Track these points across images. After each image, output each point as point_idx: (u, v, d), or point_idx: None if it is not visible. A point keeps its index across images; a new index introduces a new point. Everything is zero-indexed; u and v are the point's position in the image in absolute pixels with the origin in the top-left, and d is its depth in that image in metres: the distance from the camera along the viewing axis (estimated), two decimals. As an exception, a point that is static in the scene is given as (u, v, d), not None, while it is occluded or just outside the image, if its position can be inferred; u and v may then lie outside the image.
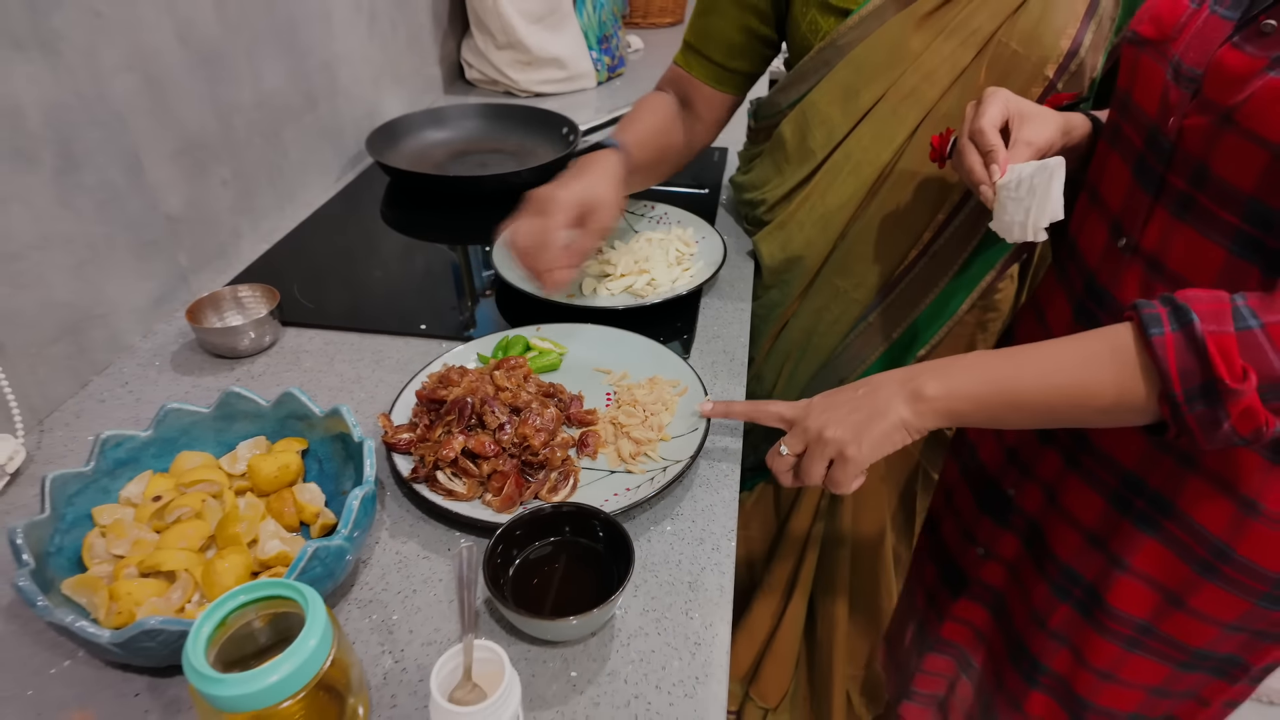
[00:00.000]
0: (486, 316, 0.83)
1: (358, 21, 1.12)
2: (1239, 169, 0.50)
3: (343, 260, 0.92)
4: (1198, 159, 0.52)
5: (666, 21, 1.87)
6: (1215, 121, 0.50)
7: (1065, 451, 0.70)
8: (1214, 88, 0.51)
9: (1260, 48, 0.48)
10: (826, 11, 0.74)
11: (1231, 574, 0.61)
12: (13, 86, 0.62)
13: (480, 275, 0.91)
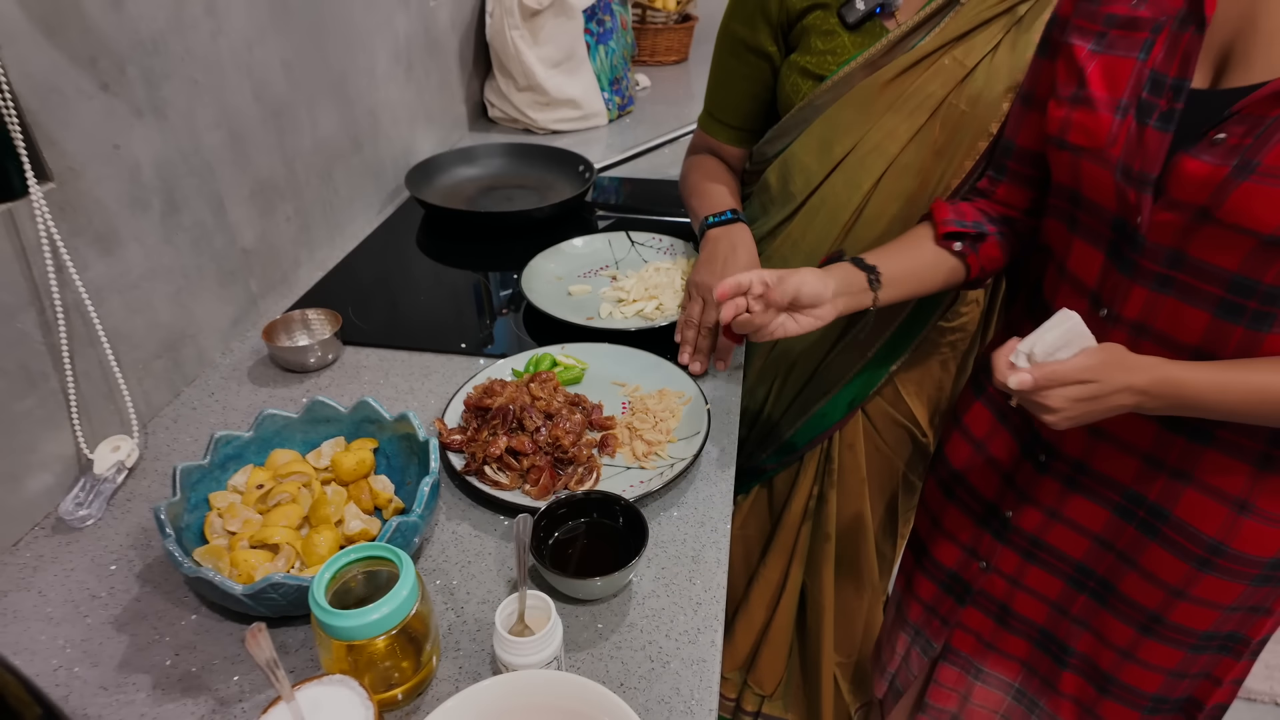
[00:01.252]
0: (510, 334, 0.96)
1: (396, 71, 1.25)
2: (1221, 253, 0.59)
3: (388, 285, 1.05)
4: (1172, 247, 0.62)
5: (672, 59, 2.01)
6: (1191, 217, 0.59)
7: (1063, 478, 0.78)
8: (1180, 190, 0.59)
9: (1217, 156, 0.57)
10: (805, 76, 0.88)
11: (1226, 565, 0.70)
12: (134, 147, 0.75)
13: (504, 297, 1.03)
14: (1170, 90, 0.60)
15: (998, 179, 0.80)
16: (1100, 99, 0.64)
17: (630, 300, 0.97)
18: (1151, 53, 0.61)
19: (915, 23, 0.82)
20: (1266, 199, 0.54)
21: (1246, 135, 0.55)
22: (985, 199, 0.81)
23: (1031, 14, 0.81)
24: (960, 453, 0.90)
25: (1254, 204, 0.55)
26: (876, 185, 0.87)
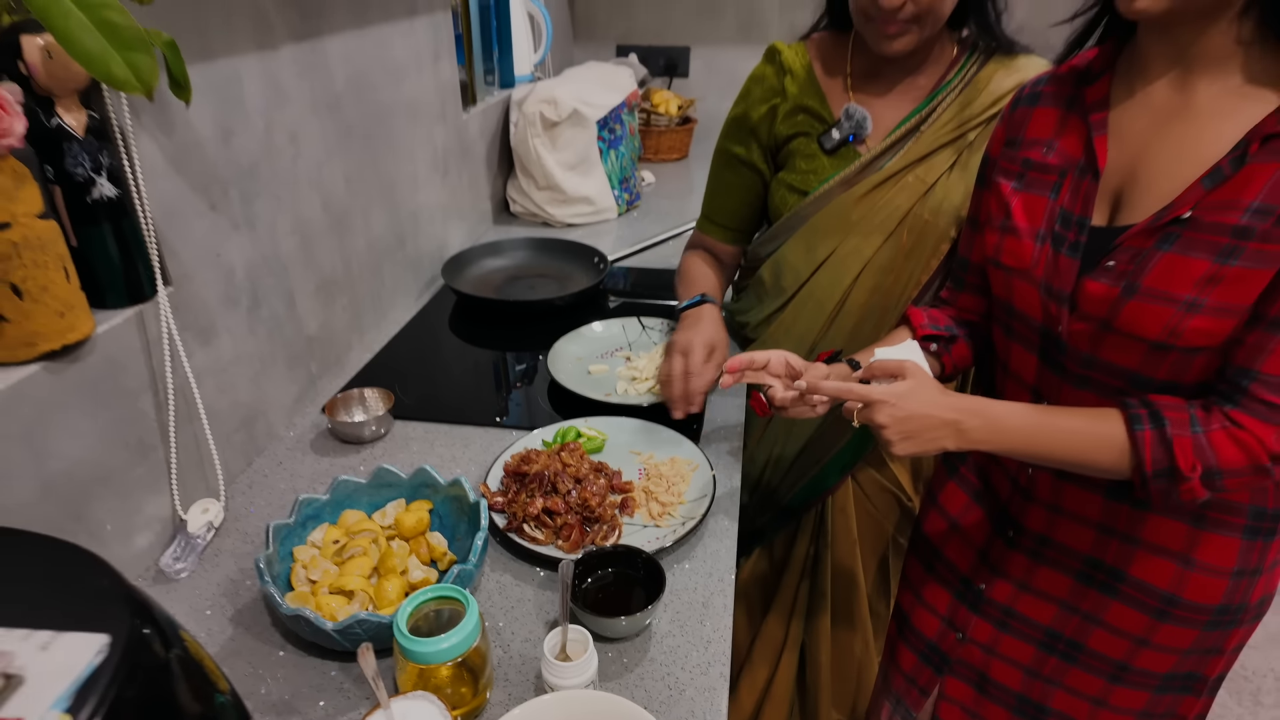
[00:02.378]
0: (538, 408, 1.08)
1: (434, 176, 1.42)
2: (1122, 355, 0.71)
3: (428, 365, 1.19)
4: (1087, 351, 0.74)
5: (674, 157, 2.21)
6: (1097, 327, 0.71)
7: (1029, 551, 0.86)
8: (1087, 305, 0.72)
9: (1110, 279, 0.70)
10: (791, 191, 1.04)
11: (1181, 614, 0.80)
12: (230, 254, 0.89)
13: (530, 376, 1.17)
14: (1075, 225, 0.74)
15: (958, 290, 0.93)
16: (1023, 229, 0.77)
17: (643, 378, 1.10)
18: (1060, 193, 0.75)
19: (882, 148, 0.99)
20: (1148, 314, 0.68)
21: (1130, 263, 0.69)
22: (950, 306, 0.93)
23: (979, 139, 0.98)
24: (937, 528, 1.00)
25: (1140, 317, 0.68)
26: (855, 282, 1.01)
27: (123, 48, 0.55)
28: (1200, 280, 0.65)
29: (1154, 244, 0.68)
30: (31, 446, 0.66)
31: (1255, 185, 0.63)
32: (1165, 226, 0.67)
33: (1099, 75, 0.75)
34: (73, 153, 0.68)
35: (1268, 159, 0.63)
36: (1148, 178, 0.70)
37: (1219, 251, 0.64)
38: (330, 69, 1.06)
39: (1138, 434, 0.69)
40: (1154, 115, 0.70)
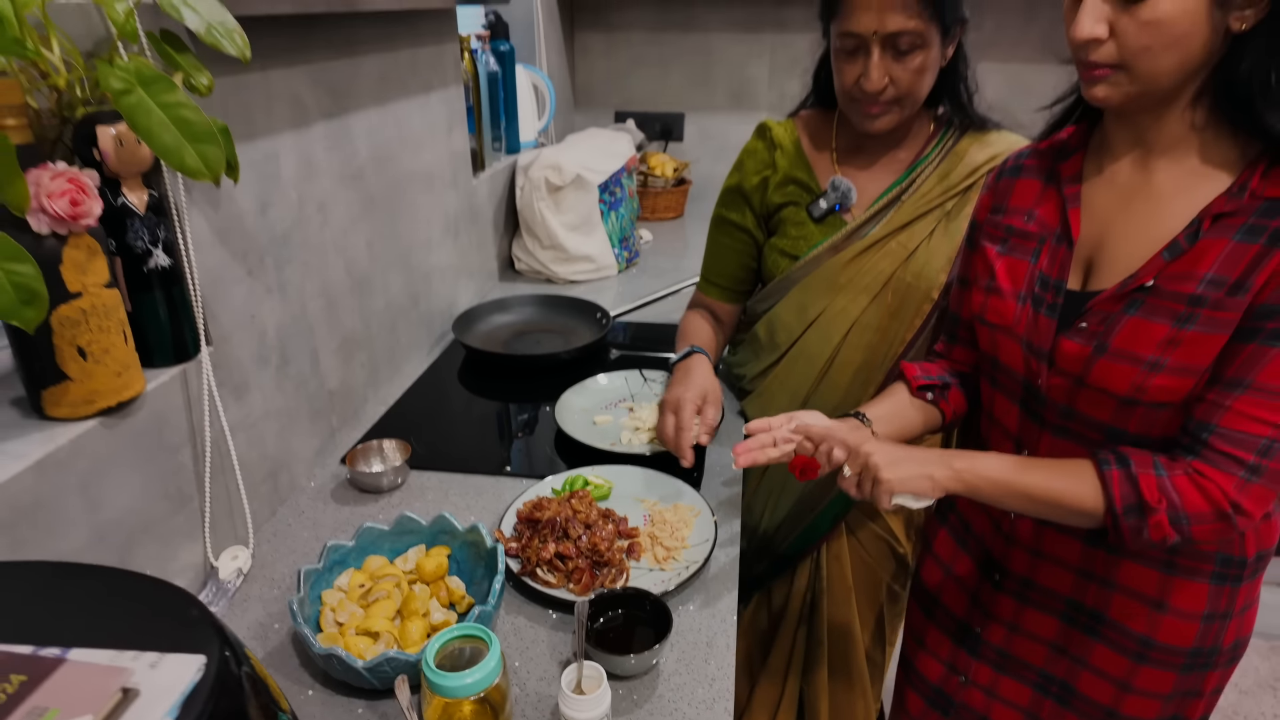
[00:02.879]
0: (546, 457, 1.14)
1: (446, 239, 1.50)
2: (1096, 408, 0.78)
3: (441, 417, 1.24)
4: (1065, 404, 0.81)
5: (670, 216, 2.31)
6: (1072, 383, 0.79)
7: (1016, 594, 0.92)
8: (1063, 362, 0.79)
9: (1083, 339, 0.77)
10: (783, 255, 1.12)
11: (1157, 656, 0.85)
12: (263, 317, 0.96)
13: (538, 424, 1.22)
14: (1053, 288, 0.81)
15: (951, 344, 1.00)
16: (1007, 290, 0.85)
17: (645, 428, 1.16)
18: (1040, 258, 0.83)
19: (866, 217, 1.07)
20: (1116, 371, 0.75)
21: (1100, 325, 0.76)
22: (944, 359, 1.00)
23: (956, 208, 1.06)
24: (933, 575, 1.05)
25: (1109, 375, 0.76)
26: (844, 339, 1.09)
27: (195, 140, 0.63)
28: (1161, 342, 0.72)
29: (1121, 309, 0.75)
30: (87, 496, 0.71)
31: (1209, 258, 0.71)
32: (1131, 293, 0.75)
33: (1074, 152, 0.83)
34: (134, 228, 0.75)
35: (1219, 235, 0.70)
36: (1115, 248, 0.78)
37: (1177, 317, 0.72)
38: (355, 143, 1.15)
39: (1105, 473, 0.75)
40: (1119, 192, 0.78)
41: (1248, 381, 0.69)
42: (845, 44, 0.97)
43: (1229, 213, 0.70)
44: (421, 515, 0.89)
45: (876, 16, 0.93)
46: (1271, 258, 0.67)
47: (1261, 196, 0.69)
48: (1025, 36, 2.26)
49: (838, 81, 1.01)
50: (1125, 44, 0.68)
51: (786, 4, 2.37)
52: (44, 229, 0.64)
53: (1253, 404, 0.69)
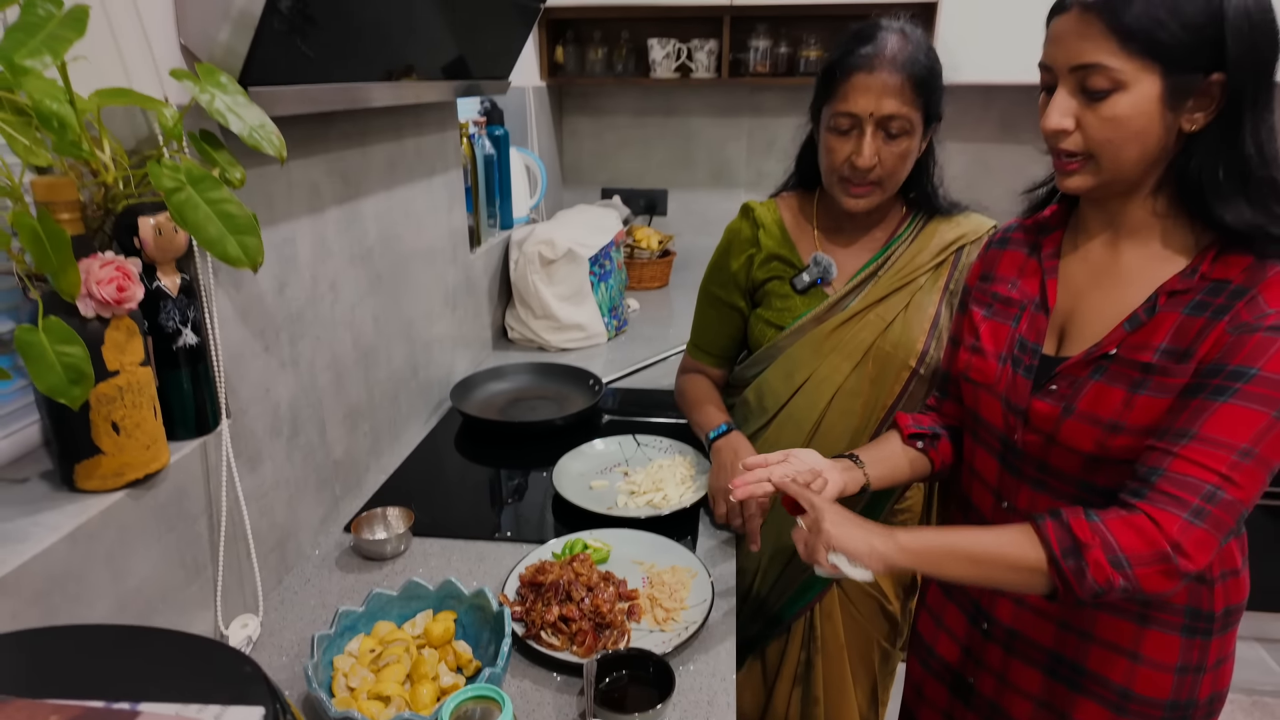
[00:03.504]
0: (545, 522, 1.17)
1: (445, 311, 1.57)
2: (1067, 463, 0.84)
3: (440, 485, 1.28)
4: (1039, 458, 0.87)
5: (655, 285, 2.40)
6: (1045, 439, 0.85)
7: (1003, 644, 0.96)
8: (1036, 420, 0.86)
9: (1053, 400, 0.84)
10: (769, 325, 1.19)
11: (1137, 709, 0.88)
12: (277, 390, 1.00)
13: (535, 490, 1.26)
14: (1030, 352, 0.89)
15: (942, 399, 1.07)
16: (989, 350, 0.93)
17: (641, 492, 1.20)
18: (1020, 323, 0.91)
19: (846, 290, 1.15)
20: (1082, 431, 0.82)
21: (1068, 388, 0.84)
22: (935, 412, 1.07)
23: (929, 282, 1.15)
24: (927, 626, 1.10)
25: (1075, 434, 0.82)
26: (829, 404, 1.15)
27: (237, 232, 0.69)
28: (1119, 406, 0.79)
29: (1087, 374, 0.83)
30: (112, 566, 0.74)
31: (1163, 330, 0.78)
32: (1096, 360, 0.82)
33: (1054, 229, 0.93)
34: (166, 309, 0.80)
35: (1172, 309, 0.78)
36: (1084, 318, 0.86)
37: (1131, 383, 0.79)
38: (365, 225, 1.22)
39: (1040, 525, 0.78)
40: (1091, 268, 0.87)
41: (1194, 432, 0.73)
42: (840, 124, 1.06)
43: (1181, 290, 0.78)
44: (427, 581, 0.92)
45: (875, 100, 1.03)
46: (1215, 328, 0.74)
47: (1210, 278, 0.77)
48: (985, 119, 2.43)
49: (827, 160, 1.10)
50: (1090, 136, 0.77)
51: (761, 91, 2.53)
52: (90, 312, 0.69)
53: (1199, 453, 0.73)
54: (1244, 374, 0.72)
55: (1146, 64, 0.73)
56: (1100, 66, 0.73)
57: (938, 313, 1.14)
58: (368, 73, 1.07)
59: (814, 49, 2.33)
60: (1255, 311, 0.72)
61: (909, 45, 1.04)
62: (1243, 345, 0.72)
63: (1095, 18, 0.73)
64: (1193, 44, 0.72)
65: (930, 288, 1.14)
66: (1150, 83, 0.73)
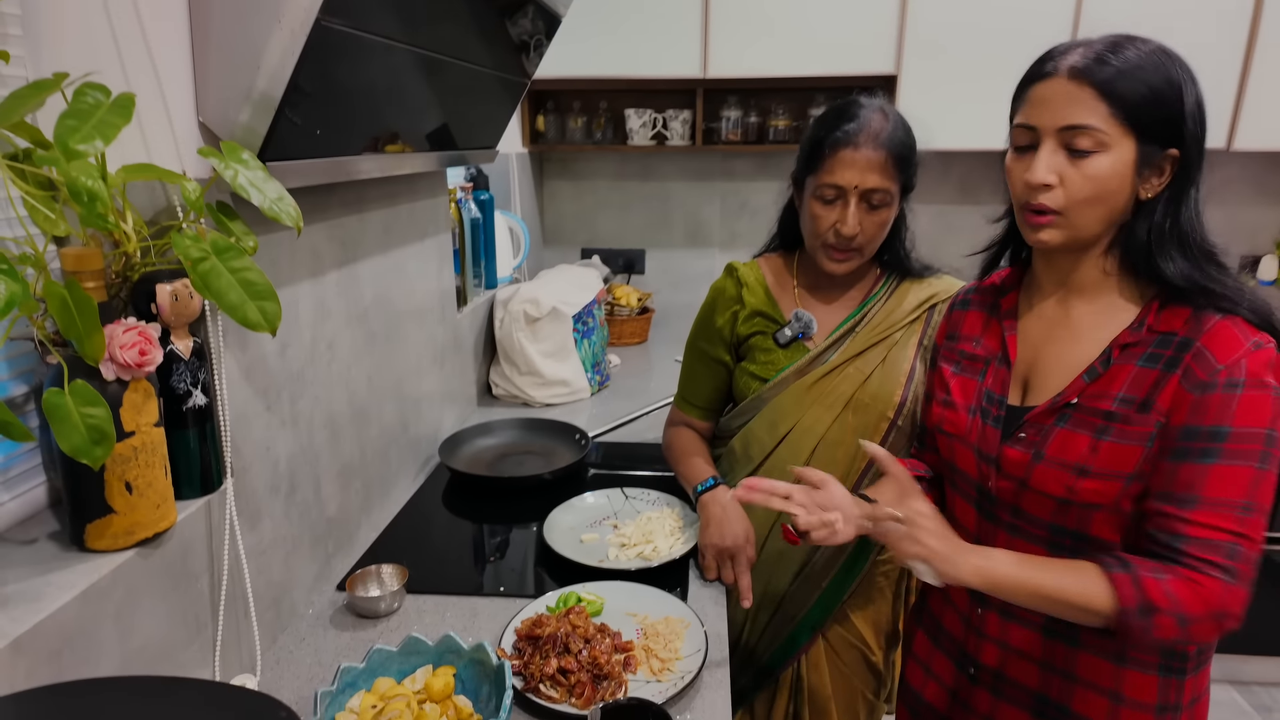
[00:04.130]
0: (538, 577, 1.19)
1: (433, 368, 1.60)
2: (1039, 508, 0.90)
3: (429, 541, 1.29)
4: (1013, 503, 0.92)
5: (635, 341, 2.46)
6: (1017, 485, 0.91)
7: (990, 687, 0.98)
8: (1008, 467, 0.91)
9: (1023, 447, 0.90)
10: (753, 378, 1.25)
11: None
12: (277, 448, 1.03)
13: (525, 544, 1.28)
14: (996, 403, 0.96)
15: (921, 450, 1.13)
16: (960, 404, 0.99)
17: (632, 544, 1.23)
18: (986, 377, 0.98)
19: (826, 345, 1.22)
20: (1052, 476, 0.88)
21: (1036, 435, 0.90)
22: (920, 460, 1.13)
23: (903, 338, 1.21)
24: (915, 675, 1.13)
25: (1045, 478, 0.88)
26: (813, 454, 1.20)
27: (257, 298, 0.73)
28: (1085, 451, 0.86)
29: (1052, 422, 0.89)
30: (120, 625, 0.75)
31: (1119, 381, 0.86)
32: (1060, 409, 0.89)
33: (1010, 290, 1.01)
34: (179, 371, 0.83)
35: (1126, 361, 0.86)
36: (1044, 370, 0.93)
37: (1095, 429, 0.86)
38: (362, 287, 1.26)
39: (1113, 576, 0.81)
40: (1046, 323, 0.95)
41: (1197, 497, 0.79)
42: (826, 194, 1.14)
43: (1133, 343, 0.86)
44: (446, 633, 0.93)
45: (859, 174, 1.11)
46: (1169, 381, 0.82)
47: (1156, 331, 0.85)
48: (945, 182, 2.57)
49: (812, 226, 1.18)
50: (1070, 192, 0.84)
51: (732, 157, 2.66)
52: (111, 375, 0.72)
53: (1209, 516, 0.79)
54: (1220, 433, 0.79)
55: (1127, 131, 0.82)
56: (1089, 128, 0.82)
57: (913, 367, 1.20)
58: (370, 147, 1.13)
59: (782, 119, 2.47)
60: (1207, 368, 0.80)
61: (889, 123, 1.13)
62: (1208, 405, 0.79)
63: (1087, 84, 0.82)
64: (1161, 119, 0.82)
65: (905, 343, 1.21)
66: (1128, 148, 0.82)
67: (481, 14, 1.26)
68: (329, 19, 0.81)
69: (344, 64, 0.93)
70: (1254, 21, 2.10)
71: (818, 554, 1.25)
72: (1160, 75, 0.81)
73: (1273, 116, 2.15)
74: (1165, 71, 0.81)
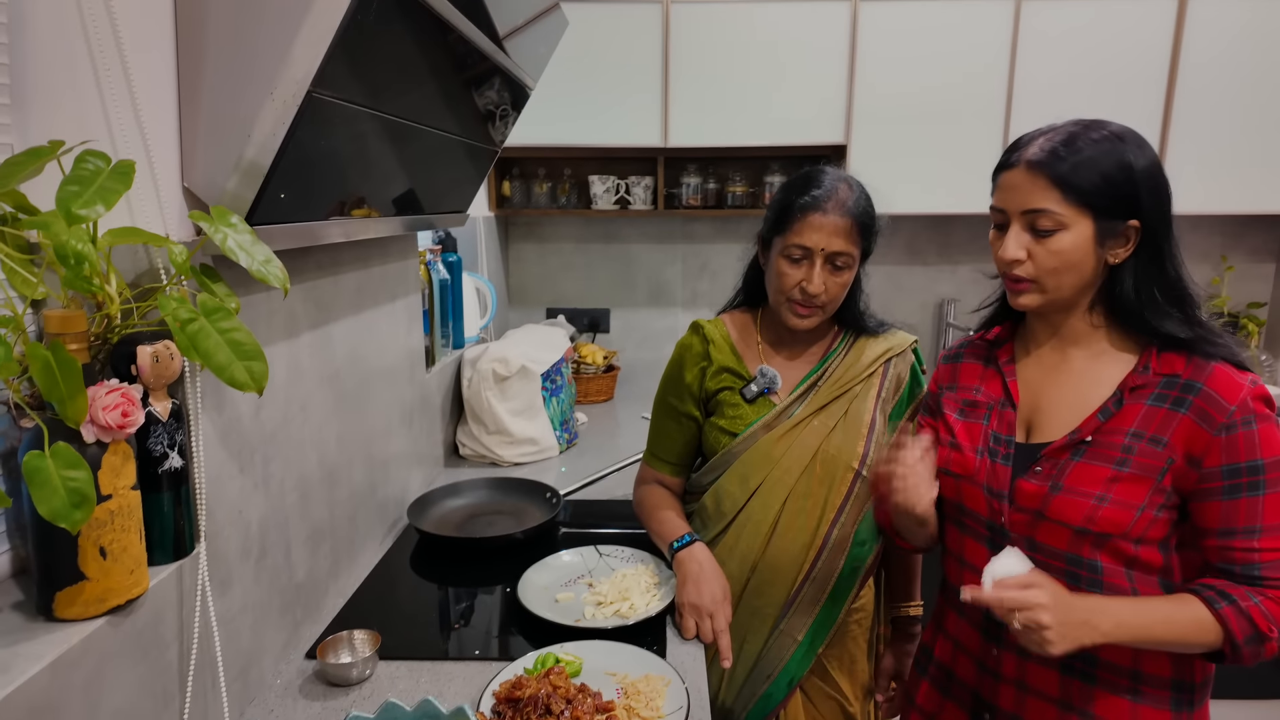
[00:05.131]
0: (513, 638, 1.17)
1: (402, 429, 1.59)
2: (1055, 538, 0.96)
3: (399, 605, 1.27)
4: (1027, 536, 0.98)
5: (602, 399, 2.49)
6: (1032, 517, 0.97)
7: None
8: (1023, 499, 0.98)
9: (1039, 480, 0.97)
10: (722, 433, 1.28)
11: None
12: (249, 511, 1.01)
13: (498, 606, 1.26)
14: (1004, 442, 1.02)
15: None
16: (966, 446, 1.06)
17: (608, 602, 1.22)
18: (990, 420, 1.05)
19: (791, 399, 1.26)
20: (1070, 505, 0.94)
21: (1052, 469, 0.97)
22: None
23: (863, 390, 1.27)
24: None
25: (1065, 508, 0.95)
26: (784, 506, 1.23)
27: (244, 358, 0.74)
28: (1104, 481, 0.93)
29: (1069, 456, 0.96)
30: (88, 696, 0.72)
31: (1130, 418, 0.94)
32: (1076, 444, 0.96)
33: (1005, 342, 1.09)
34: (157, 433, 0.82)
35: (1136, 401, 0.95)
36: (1049, 411, 1.01)
37: (1115, 461, 0.93)
38: (334, 348, 1.26)
39: (1220, 612, 0.88)
40: (1045, 369, 1.04)
41: (1260, 526, 0.89)
42: (793, 253, 1.20)
43: (1141, 385, 0.95)
44: (424, 697, 0.91)
45: (826, 237, 1.18)
46: (1179, 420, 0.91)
47: (1161, 373, 0.94)
48: (894, 244, 2.70)
49: (778, 283, 1.23)
50: (1039, 265, 0.94)
51: (693, 221, 2.76)
52: (91, 438, 0.72)
53: (1273, 540, 0.88)
54: (1258, 467, 0.88)
55: (1082, 210, 0.92)
56: (1047, 211, 0.93)
57: (873, 419, 1.25)
58: (348, 212, 1.16)
59: (739, 185, 2.58)
60: (1221, 411, 0.89)
61: (854, 193, 1.22)
62: (1235, 444, 0.89)
63: (1042, 173, 0.93)
64: (1115, 197, 0.92)
65: (865, 395, 1.26)
66: (1085, 225, 0.92)
67: (458, 87, 1.32)
68: (320, 90, 0.85)
69: (330, 133, 0.96)
70: (1168, 95, 2.30)
71: (792, 609, 1.26)
72: (1111, 160, 0.92)
73: (1190, 183, 2.33)
74: (1116, 156, 0.92)
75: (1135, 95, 2.30)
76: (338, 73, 0.87)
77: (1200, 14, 2.24)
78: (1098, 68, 2.28)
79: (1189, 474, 0.91)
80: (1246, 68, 2.27)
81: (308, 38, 0.80)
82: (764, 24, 2.30)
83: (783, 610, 1.26)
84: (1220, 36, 2.26)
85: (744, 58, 2.32)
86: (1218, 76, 2.28)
